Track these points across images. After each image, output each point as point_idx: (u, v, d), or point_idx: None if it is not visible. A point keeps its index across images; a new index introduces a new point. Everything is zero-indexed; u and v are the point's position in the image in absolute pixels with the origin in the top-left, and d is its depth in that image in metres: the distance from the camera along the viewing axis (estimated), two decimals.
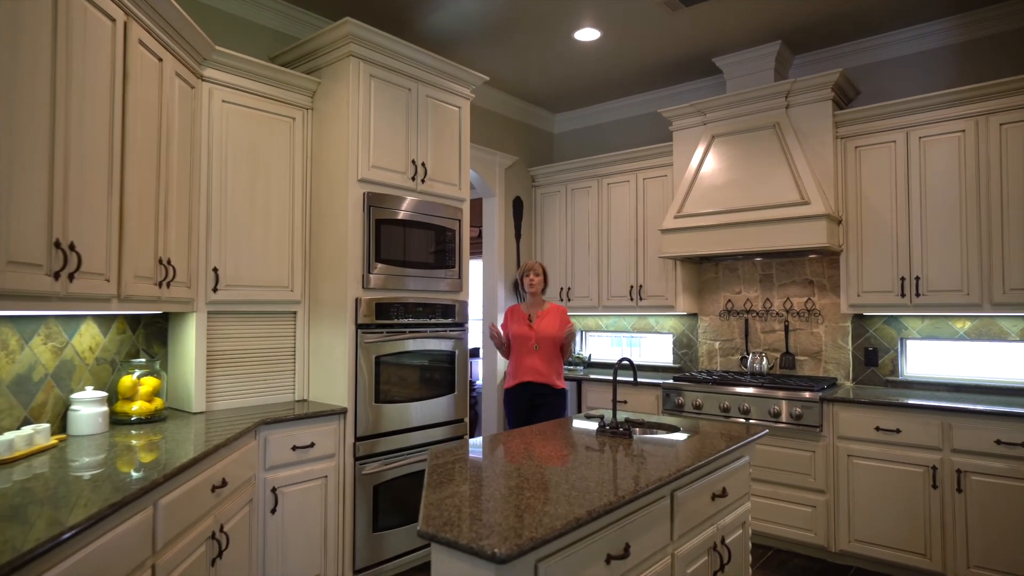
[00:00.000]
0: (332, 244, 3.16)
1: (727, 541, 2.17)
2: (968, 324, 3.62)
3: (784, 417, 3.61)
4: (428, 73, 3.45)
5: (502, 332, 3.82)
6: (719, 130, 4.10)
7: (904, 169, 3.56)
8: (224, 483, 2.24)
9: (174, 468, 1.84)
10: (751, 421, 3.72)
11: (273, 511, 2.71)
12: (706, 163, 4.11)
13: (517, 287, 5.13)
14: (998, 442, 3.01)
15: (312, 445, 2.86)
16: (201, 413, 2.83)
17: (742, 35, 3.90)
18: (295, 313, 3.23)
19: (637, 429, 2.51)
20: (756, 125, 3.94)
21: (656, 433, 2.52)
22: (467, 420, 3.62)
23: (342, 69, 3.15)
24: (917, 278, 3.50)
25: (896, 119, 3.58)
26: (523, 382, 3.65)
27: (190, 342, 2.85)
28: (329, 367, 3.14)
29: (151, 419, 2.59)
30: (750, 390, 3.75)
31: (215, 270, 2.87)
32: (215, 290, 2.86)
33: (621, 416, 2.79)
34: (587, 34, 3.86)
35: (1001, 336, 3.53)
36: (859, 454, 3.39)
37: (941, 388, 3.66)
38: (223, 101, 2.93)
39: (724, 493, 2.14)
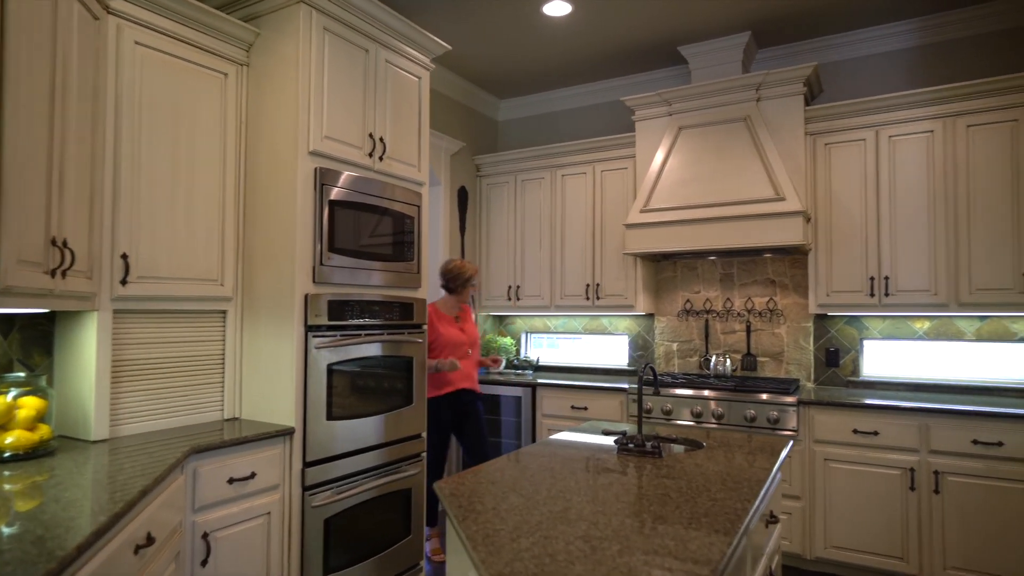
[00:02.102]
0: (275, 228, 2.60)
1: (773, 569, 1.90)
2: (927, 324, 3.65)
3: (760, 422, 3.46)
4: (388, 35, 2.97)
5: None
6: (686, 121, 3.92)
7: (874, 168, 3.53)
8: (150, 540, 1.67)
9: (86, 536, 1.29)
10: (724, 425, 3.55)
11: (204, 563, 2.13)
12: (673, 155, 3.91)
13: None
14: (975, 442, 3.00)
15: (253, 476, 2.30)
16: (103, 441, 2.19)
17: (712, 23, 3.73)
18: (225, 312, 2.63)
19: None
20: (726, 117, 3.79)
21: (673, 449, 2.23)
22: (424, 435, 3.17)
23: (289, 19, 2.60)
24: (887, 278, 3.48)
25: (866, 117, 3.54)
26: (459, 390, 3.49)
27: (89, 349, 2.20)
28: (269, 378, 2.58)
29: (35, 454, 1.94)
30: (722, 394, 3.58)
31: (124, 257, 2.24)
32: (124, 282, 2.24)
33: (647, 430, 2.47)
34: (558, 8, 3.53)
35: (958, 336, 3.58)
36: (836, 458, 3.29)
37: (902, 388, 3.67)
38: (136, 43, 2.30)
39: (773, 517, 1.87)
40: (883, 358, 3.80)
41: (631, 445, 2.04)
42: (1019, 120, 3.19)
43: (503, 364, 3.75)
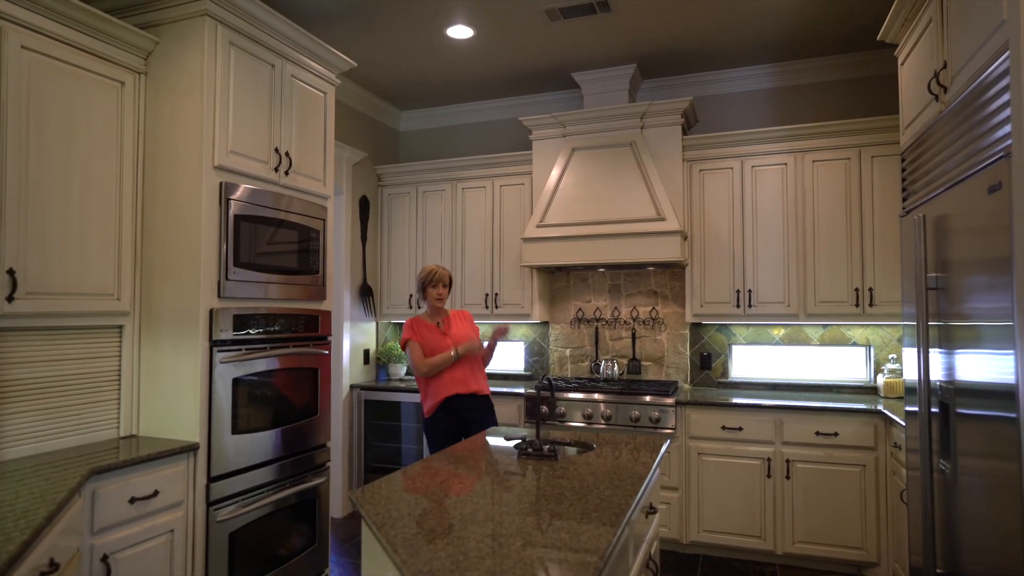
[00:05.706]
0: (177, 242, 2.57)
1: (652, 554, 2.18)
2: (783, 331, 4.19)
3: (643, 421, 3.81)
4: (294, 50, 3.00)
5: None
6: (579, 143, 4.22)
7: (740, 193, 4.00)
8: (53, 565, 1.65)
9: (2, 564, 1.29)
10: (612, 426, 3.88)
11: None
12: (567, 175, 4.19)
13: (367, 297, 4.76)
14: (817, 433, 3.51)
15: (156, 494, 2.28)
16: None
17: (602, 54, 4.06)
18: (121, 328, 2.56)
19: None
20: (614, 142, 4.13)
21: (568, 451, 2.46)
22: (330, 445, 3.22)
23: (192, 30, 2.58)
24: (750, 291, 3.95)
25: (733, 148, 4.00)
26: (447, 397, 3.21)
27: None
28: (171, 393, 2.54)
29: None
30: (611, 397, 3.90)
31: (11, 272, 2.14)
32: (11, 299, 2.14)
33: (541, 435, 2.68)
34: (460, 31, 3.70)
35: (806, 341, 4.14)
36: (708, 451, 3.71)
37: (762, 387, 4.18)
38: (23, 47, 2.21)
39: (652, 508, 2.15)
40: (747, 361, 4.30)
41: (530, 449, 2.24)
42: (851, 159, 3.75)
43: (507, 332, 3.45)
